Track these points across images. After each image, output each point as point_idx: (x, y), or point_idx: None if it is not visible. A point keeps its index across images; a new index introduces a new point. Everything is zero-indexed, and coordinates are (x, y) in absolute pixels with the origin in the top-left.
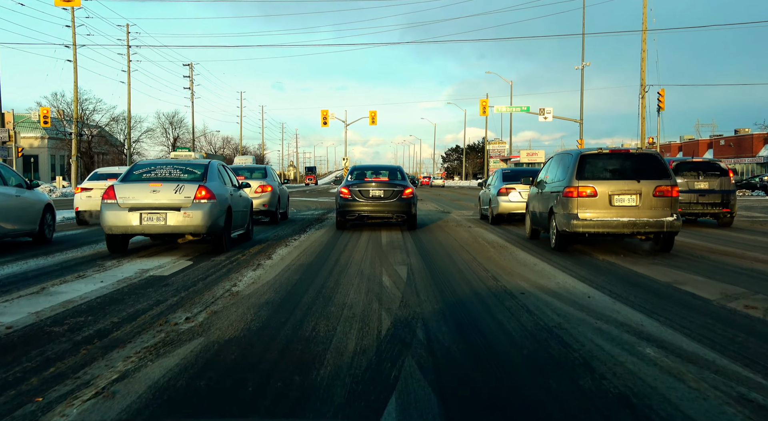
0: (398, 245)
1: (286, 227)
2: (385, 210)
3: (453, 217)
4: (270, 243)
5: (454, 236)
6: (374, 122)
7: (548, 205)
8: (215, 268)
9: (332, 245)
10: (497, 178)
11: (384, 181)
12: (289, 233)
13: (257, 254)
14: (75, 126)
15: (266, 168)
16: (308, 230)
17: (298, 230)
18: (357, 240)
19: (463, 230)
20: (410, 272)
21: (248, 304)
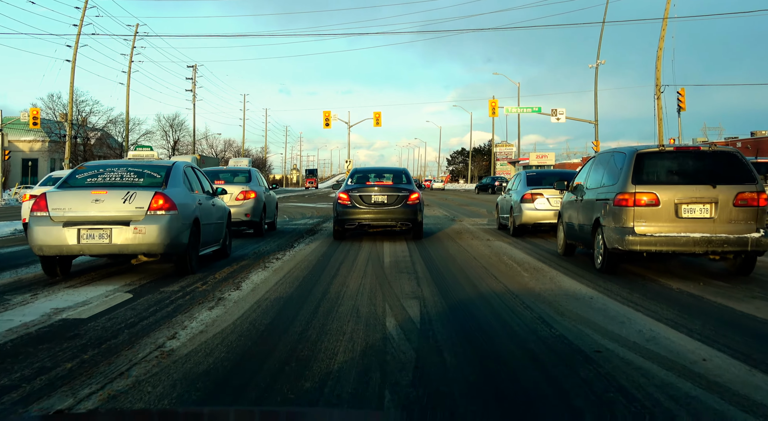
0: (405, 265)
1: (272, 240)
2: (388, 217)
3: (465, 226)
4: (247, 263)
5: (471, 251)
6: (378, 124)
7: (591, 216)
8: (158, 305)
9: (322, 266)
10: (520, 182)
11: (387, 185)
12: (273, 248)
13: (224, 280)
14: (69, 128)
15: (251, 171)
16: (297, 245)
17: (285, 244)
18: (354, 258)
19: (480, 244)
20: (424, 312)
21: (178, 375)
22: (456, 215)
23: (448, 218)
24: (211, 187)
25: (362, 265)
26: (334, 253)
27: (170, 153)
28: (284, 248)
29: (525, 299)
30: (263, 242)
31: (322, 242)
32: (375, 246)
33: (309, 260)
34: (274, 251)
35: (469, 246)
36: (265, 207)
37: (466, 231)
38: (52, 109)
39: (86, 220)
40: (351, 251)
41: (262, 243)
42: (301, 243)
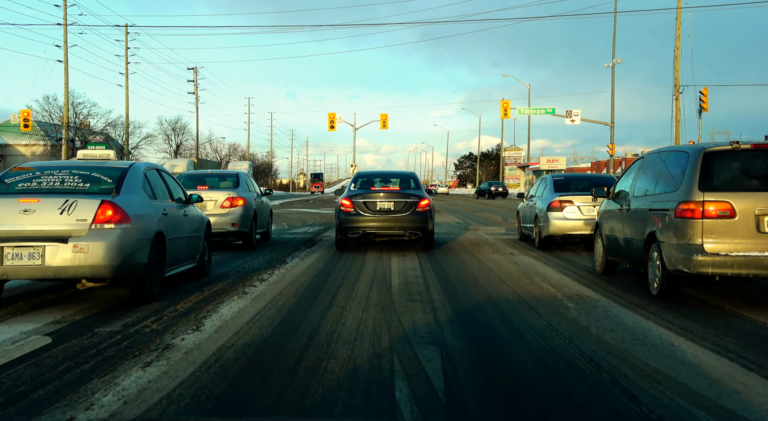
0: (417, 289)
1: (263, 253)
2: (395, 226)
3: (482, 236)
4: (224, 286)
5: (494, 268)
6: (385, 126)
7: (643, 229)
8: (76, 358)
9: (316, 291)
10: (545, 188)
11: (395, 190)
12: (261, 264)
13: (186, 313)
14: (65, 131)
15: (239, 175)
16: (291, 259)
17: (276, 258)
18: (355, 279)
19: (503, 259)
20: (449, 370)
21: None
22: (468, 222)
23: (461, 226)
24: (183, 193)
25: (365, 288)
26: (332, 271)
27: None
28: (275, 263)
29: (583, 347)
30: (252, 257)
31: (320, 256)
32: (381, 261)
33: (301, 281)
34: (261, 269)
35: (490, 262)
36: (256, 215)
37: (483, 242)
38: (49, 112)
39: (11, 235)
40: (353, 267)
41: (251, 258)
42: (295, 257)
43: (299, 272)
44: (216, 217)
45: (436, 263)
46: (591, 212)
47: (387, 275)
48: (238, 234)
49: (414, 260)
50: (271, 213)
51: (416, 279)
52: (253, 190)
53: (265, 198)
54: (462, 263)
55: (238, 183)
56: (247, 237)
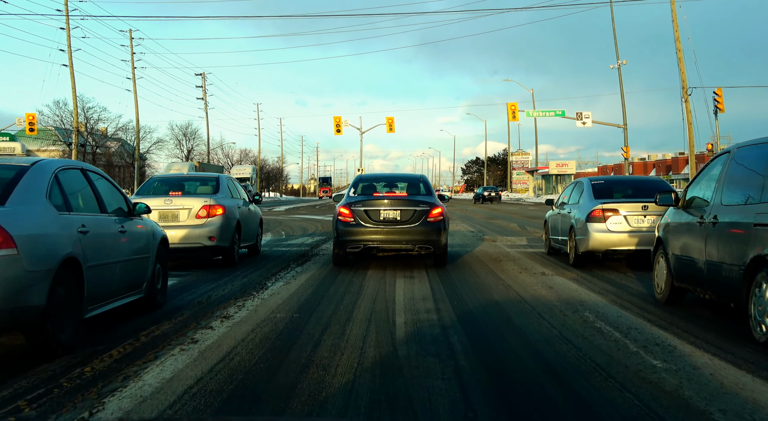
0: (430, 331)
1: (244, 272)
2: (402, 239)
3: (501, 248)
4: (171, 328)
5: (528, 297)
6: (392, 129)
7: (744, 251)
8: None
9: (293, 337)
10: (582, 193)
11: (401, 197)
12: (235, 289)
13: (89, 383)
14: (75, 135)
15: (219, 178)
16: (273, 282)
17: (257, 281)
18: (348, 315)
19: (535, 281)
20: None
21: None
22: (483, 231)
23: (475, 236)
24: (126, 203)
25: (359, 332)
26: (320, 301)
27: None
28: (252, 289)
29: None
30: (228, 278)
31: (311, 277)
32: (383, 284)
33: (276, 319)
34: (232, 297)
35: (519, 286)
36: (240, 227)
37: (504, 256)
38: (60, 117)
39: None
40: (347, 295)
41: (227, 280)
42: (279, 280)
43: (278, 303)
44: (189, 229)
45: (451, 289)
46: (640, 223)
47: (390, 309)
48: (216, 249)
49: (424, 284)
50: (261, 223)
51: (428, 315)
52: (238, 196)
53: (254, 206)
54: (484, 289)
55: (217, 188)
56: (227, 253)
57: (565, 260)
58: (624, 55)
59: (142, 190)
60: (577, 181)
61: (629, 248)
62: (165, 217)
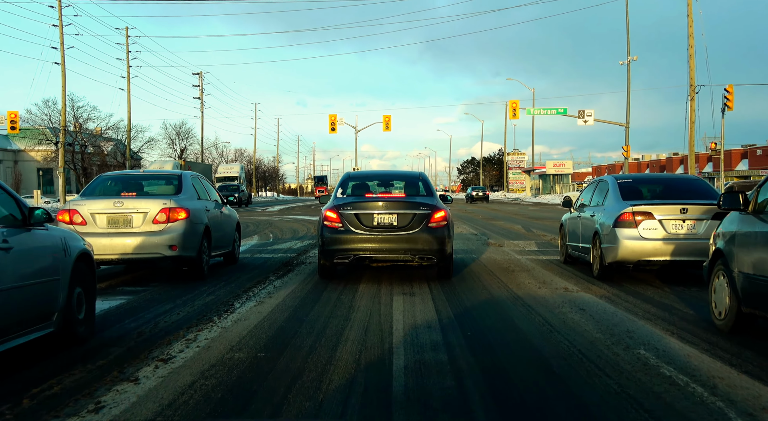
0: (439, 382)
1: (212, 287)
2: (400, 248)
3: (510, 254)
4: (72, 385)
5: (557, 323)
6: (388, 128)
7: None
8: None
9: (249, 393)
10: (607, 194)
11: (398, 198)
12: (192, 314)
13: None
14: (62, 135)
15: (182, 176)
16: (242, 303)
17: (222, 300)
18: (328, 357)
19: (559, 300)
20: None
21: None
22: (486, 234)
23: (479, 239)
24: (20, 208)
25: (342, 386)
26: (296, 332)
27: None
28: (214, 311)
29: None
30: (189, 296)
31: (290, 295)
32: (378, 304)
33: (232, 362)
34: (185, 325)
35: (543, 306)
36: (209, 233)
37: (515, 265)
38: (48, 116)
39: None
40: (332, 321)
41: (186, 298)
42: (252, 299)
43: (241, 334)
44: (145, 237)
45: (461, 311)
46: (678, 229)
47: (385, 345)
48: (179, 260)
49: (427, 304)
50: (239, 227)
51: (436, 355)
52: (208, 197)
53: (228, 208)
54: (501, 312)
55: (180, 187)
56: (193, 264)
57: (586, 271)
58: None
59: (87, 190)
60: (600, 180)
61: (665, 258)
62: (115, 222)
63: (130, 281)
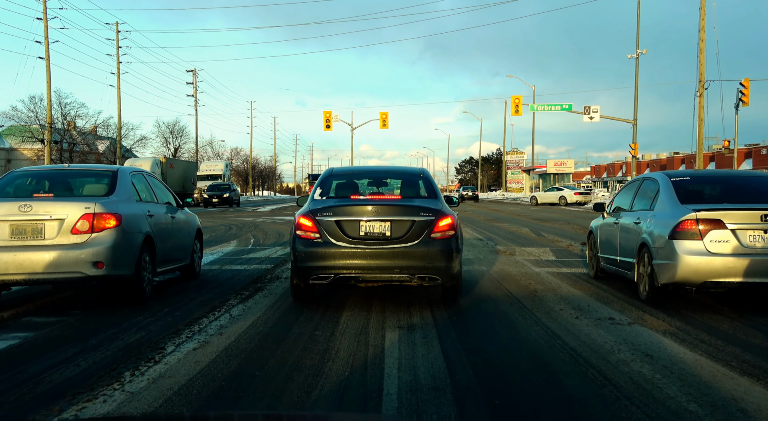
0: None
1: (151, 317)
2: (395, 266)
3: (526, 266)
4: None
5: (619, 379)
6: (385, 126)
7: None
8: None
9: None
10: (658, 196)
11: (393, 201)
12: (102, 362)
13: None
14: (48, 132)
15: (119, 172)
16: (182, 343)
17: (156, 337)
18: None
19: (607, 336)
20: None
21: None
22: (493, 238)
23: (486, 245)
24: None
25: None
26: (241, 395)
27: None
28: (133, 360)
29: None
30: (113, 331)
31: (249, 329)
32: (365, 346)
33: None
34: (79, 386)
35: (591, 351)
36: (152, 244)
37: (536, 281)
38: (35, 113)
39: None
40: (296, 378)
41: (105, 336)
42: (193, 338)
43: (150, 405)
44: (60, 251)
45: (481, 360)
46: (757, 241)
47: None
48: (107, 281)
49: (432, 346)
50: (200, 235)
51: None
52: (155, 199)
53: (186, 213)
54: (537, 359)
55: (113, 187)
56: (129, 284)
57: (627, 291)
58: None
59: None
60: (643, 178)
61: (739, 279)
62: (21, 232)
63: (46, 307)
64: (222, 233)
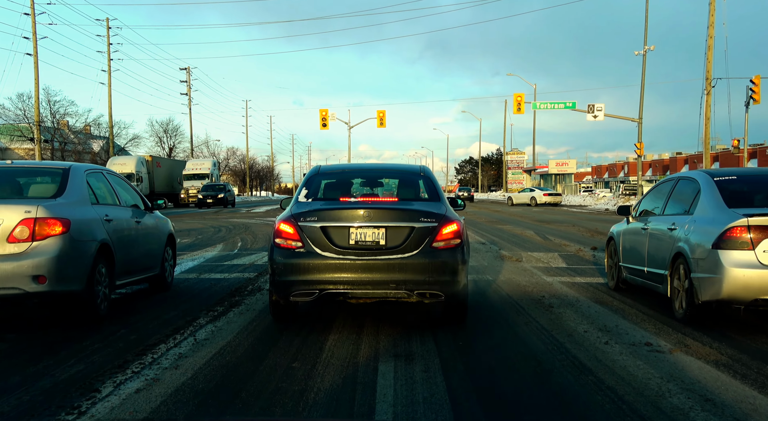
0: None
1: (101, 342)
2: (390, 280)
3: (535, 274)
4: None
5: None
6: (383, 124)
7: None
8: None
9: None
10: (699, 197)
11: (388, 204)
12: (6, 414)
13: None
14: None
15: (71, 170)
16: (123, 382)
17: (100, 368)
18: None
19: (650, 370)
20: None
21: None
22: (497, 242)
23: (489, 249)
24: None
25: None
26: None
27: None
28: (53, 410)
29: None
30: (45, 365)
31: (213, 359)
32: (352, 384)
33: None
34: None
35: (634, 390)
36: (111, 254)
37: (549, 293)
38: (23, 111)
39: None
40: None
41: (31, 372)
42: (143, 372)
43: None
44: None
45: (494, 404)
46: None
47: None
48: (52, 297)
49: (436, 383)
50: (172, 241)
51: None
52: (116, 201)
53: (155, 216)
54: (565, 403)
55: (62, 188)
56: (80, 301)
57: (656, 306)
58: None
59: None
60: (680, 178)
61: None
62: None
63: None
64: (209, 236)
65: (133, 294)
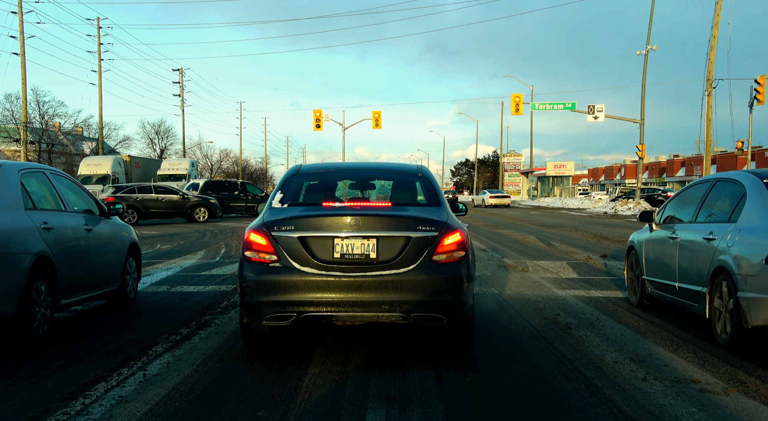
0: None
1: (25, 380)
2: (382, 301)
3: (545, 287)
4: None
5: None
6: (378, 125)
7: None
8: None
9: None
10: (744, 203)
11: (379, 209)
12: None
13: None
14: (24, 132)
15: (1, 169)
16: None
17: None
18: None
19: (691, 408)
20: None
21: None
22: (498, 249)
23: (491, 257)
24: None
25: None
26: None
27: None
28: None
29: None
30: None
31: (159, 406)
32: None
33: None
34: None
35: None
36: (53, 268)
37: (565, 311)
38: (11, 112)
39: None
40: None
41: None
42: None
43: None
44: None
45: None
46: None
47: None
48: None
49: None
50: (135, 251)
51: None
52: (62, 206)
53: (113, 222)
54: None
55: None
56: (10, 325)
57: (690, 327)
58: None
59: None
60: (718, 179)
61: None
62: None
63: None
64: (192, 241)
65: (89, 312)
